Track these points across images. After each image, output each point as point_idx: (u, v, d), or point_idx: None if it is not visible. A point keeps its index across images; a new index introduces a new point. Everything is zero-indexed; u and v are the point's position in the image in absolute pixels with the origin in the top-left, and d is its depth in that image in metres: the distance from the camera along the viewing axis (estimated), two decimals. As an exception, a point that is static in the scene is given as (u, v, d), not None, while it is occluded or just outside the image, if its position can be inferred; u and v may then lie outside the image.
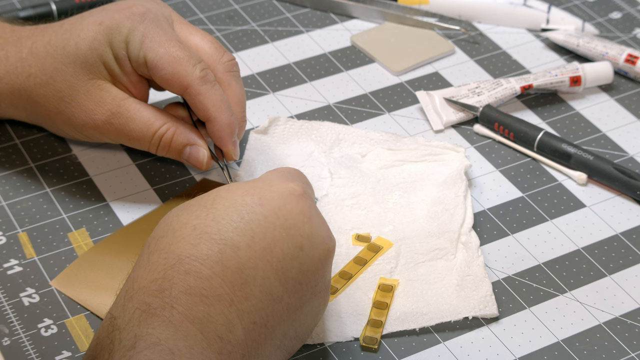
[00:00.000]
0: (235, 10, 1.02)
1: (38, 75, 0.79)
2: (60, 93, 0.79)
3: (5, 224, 0.80)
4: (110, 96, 0.79)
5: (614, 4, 1.05)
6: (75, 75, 0.79)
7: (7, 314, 0.74)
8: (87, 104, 0.79)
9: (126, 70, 0.79)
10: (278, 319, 0.63)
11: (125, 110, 0.79)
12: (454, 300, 0.75)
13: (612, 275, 0.78)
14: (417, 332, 0.73)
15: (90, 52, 0.79)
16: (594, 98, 0.94)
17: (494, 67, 0.97)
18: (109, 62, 0.79)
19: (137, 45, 0.78)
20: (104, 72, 0.79)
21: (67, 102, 0.79)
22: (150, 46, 0.78)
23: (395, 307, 0.74)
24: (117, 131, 0.79)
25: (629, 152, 0.89)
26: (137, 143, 0.80)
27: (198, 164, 0.80)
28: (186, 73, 0.77)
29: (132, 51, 0.78)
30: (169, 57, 0.77)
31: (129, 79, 0.80)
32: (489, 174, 0.86)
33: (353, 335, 0.72)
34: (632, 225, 0.82)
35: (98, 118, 0.79)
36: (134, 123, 0.79)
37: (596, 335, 0.73)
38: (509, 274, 0.78)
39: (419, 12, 1.01)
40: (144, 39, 0.78)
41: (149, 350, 0.58)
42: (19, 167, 0.85)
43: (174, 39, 0.78)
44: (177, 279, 0.61)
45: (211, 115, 0.78)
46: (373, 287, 0.76)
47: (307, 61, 0.97)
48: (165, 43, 0.78)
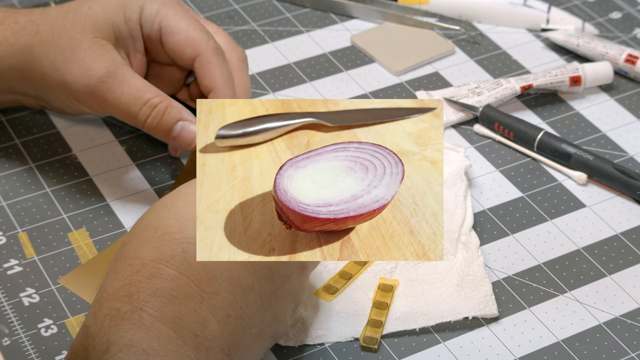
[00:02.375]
0: (235, 10, 1.02)
1: (45, 33, 0.80)
2: (62, 48, 0.80)
3: (5, 224, 0.80)
4: (111, 56, 0.79)
5: (614, 4, 1.05)
6: (82, 32, 0.79)
7: (7, 314, 0.74)
8: (86, 58, 0.79)
9: (133, 34, 0.80)
10: (252, 309, 0.63)
11: (121, 72, 0.79)
12: (454, 300, 0.75)
13: (612, 275, 0.78)
14: (417, 332, 0.73)
15: (102, 13, 0.80)
16: (594, 98, 0.94)
17: (494, 67, 0.97)
18: (118, 24, 0.80)
19: (154, 12, 0.80)
20: (111, 34, 0.80)
21: (66, 57, 0.79)
22: (166, 14, 0.80)
23: (395, 307, 0.74)
24: (109, 91, 0.78)
25: (629, 152, 0.89)
26: (125, 110, 0.78)
27: (189, 142, 0.78)
28: (201, 40, 0.79)
29: (147, 17, 0.80)
30: (185, 25, 0.80)
31: (133, 43, 0.81)
32: (489, 174, 0.86)
33: (353, 335, 0.73)
34: (632, 225, 0.82)
35: (93, 74, 0.78)
36: (127, 86, 0.78)
37: (596, 335, 0.73)
38: (509, 274, 0.78)
39: (419, 12, 1.01)
40: (160, 7, 0.80)
41: (122, 352, 0.58)
42: (19, 167, 0.85)
43: (192, 15, 0.81)
44: (143, 283, 0.60)
45: (217, 85, 0.79)
46: (373, 287, 0.76)
47: (307, 61, 0.97)
48: (182, 13, 0.80)
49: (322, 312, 0.73)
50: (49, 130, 0.88)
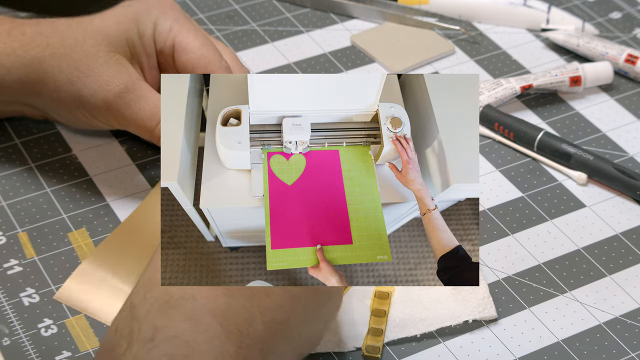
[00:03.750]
0: (235, 10, 1.02)
1: (56, 46, 0.80)
2: (77, 63, 0.79)
3: (5, 224, 0.80)
4: (127, 71, 0.80)
5: (614, 4, 1.05)
6: (97, 46, 0.79)
7: (7, 314, 0.74)
8: (104, 74, 0.79)
9: (147, 51, 0.81)
10: (296, 318, 0.64)
11: (139, 88, 0.79)
12: (452, 304, 0.74)
13: (612, 275, 0.78)
14: (418, 338, 0.73)
15: (116, 27, 0.80)
16: (594, 98, 0.94)
17: (494, 67, 0.97)
18: (133, 39, 0.80)
19: (167, 28, 0.81)
20: (125, 49, 0.80)
21: (81, 72, 0.79)
22: (179, 30, 0.81)
23: (394, 314, 0.74)
24: (126, 107, 0.79)
25: (629, 152, 0.89)
26: (142, 125, 0.80)
27: None
28: (213, 60, 0.80)
29: (161, 32, 0.81)
30: (198, 43, 0.80)
31: (147, 61, 0.81)
32: (489, 174, 0.86)
33: (355, 345, 0.72)
34: (632, 225, 0.82)
35: (111, 90, 0.79)
36: (145, 102, 0.79)
37: (596, 335, 0.73)
38: (509, 274, 0.78)
39: (419, 12, 1.01)
40: (174, 24, 0.81)
41: (167, 343, 0.59)
42: (19, 167, 0.85)
43: (202, 31, 0.82)
44: None
45: None
46: (369, 294, 0.75)
47: (307, 61, 0.97)
48: (194, 31, 0.81)
49: None
50: (49, 130, 0.88)
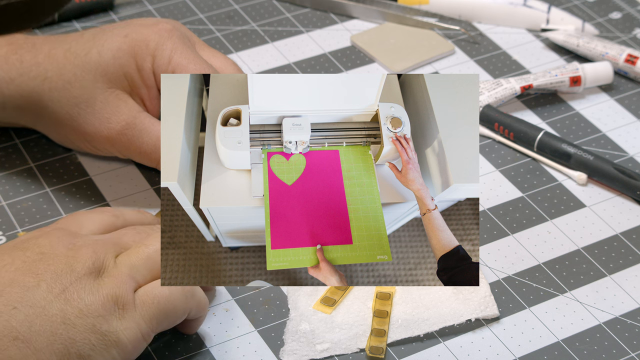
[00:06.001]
0: (235, 10, 1.02)
1: (54, 79, 0.79)
2: (76, 99, 0.79)
3: (5, 224, 0.80)
4: (127, 107, 0.79)
5: (614, 4, 1.05)
6: (95, 82, 0.79)
7: (7, 314, 0.73)
8: (104, 111, 0.79)
9: (147, 84, 0.80)
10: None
11: (140, 122, 0.79)
12: (454, 303, 0.74)
13: (612, 275, 0.78)
14: (421, 338, 0.73)
15: (113, 61, 0.79)
16: (594, 98, 0.94)
17: (494, 67, 0.97)
18: (131, 73, 0.79)
19: (166, 60, 0.79)
20: (124, 83, 0.79)
21: (82, 109, 0.79)
22: (179, 62, 0.79)
23: (396, 315, 0.74)
24: (130, 142, 0.79)
25: (629, 152, 0.89)
26: (147, 157, 0.80)
27: None
28: None
29: (160, 65, 0.79)
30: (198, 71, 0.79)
31: (148, 92, 0.80)
32: (489, 174, 0.86)
33: (358, 347, 0.72)
34: (632, 225, 0.82)
35: (112, 127, 0.79)
36: (147, 136, 0.79)
37: (596, 335, 0.73)
38: (509, 274, 0.78)
39: (419, 12, 1.01)
40: (172, 54, 0.79)
41: None
42: (19, 167, 0.85)
43: (201, 57, 0.80)
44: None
45: None
46: (370, 295, 0.75)
47: (307, 61, 0.97)
48: (194, 60, 0.79)
49: (324, 325, 0.73)
50: (49, 130, 0.88)
